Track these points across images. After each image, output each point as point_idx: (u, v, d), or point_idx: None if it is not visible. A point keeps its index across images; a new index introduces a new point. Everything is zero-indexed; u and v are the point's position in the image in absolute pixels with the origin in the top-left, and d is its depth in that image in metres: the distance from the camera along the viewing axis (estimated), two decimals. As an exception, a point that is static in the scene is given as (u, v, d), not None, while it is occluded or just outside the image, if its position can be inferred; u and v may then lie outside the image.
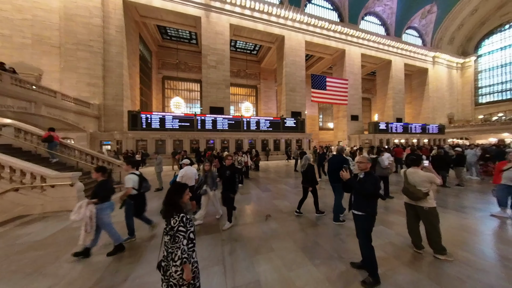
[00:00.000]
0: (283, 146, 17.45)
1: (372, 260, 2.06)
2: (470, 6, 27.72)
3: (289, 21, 19.46)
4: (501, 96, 30.52)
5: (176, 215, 1.46)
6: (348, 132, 22.79)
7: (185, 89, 25.31)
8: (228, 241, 3.02)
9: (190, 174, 4.14)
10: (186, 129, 14.33)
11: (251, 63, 28.14)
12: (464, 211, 4.23)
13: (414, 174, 2.65)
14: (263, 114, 27.58)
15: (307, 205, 4.81)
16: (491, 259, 2.52)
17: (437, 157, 6.21)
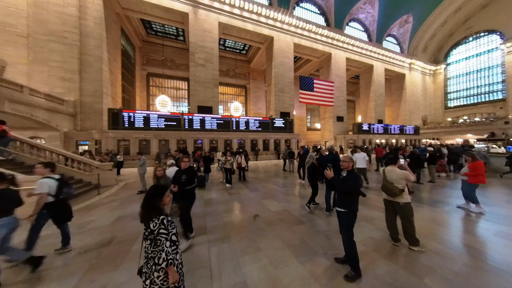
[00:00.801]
0: (272, 146, 17.64)
1: (354, 254, 2.16)
2: (441, 19, 30.47)
3: (278, 23, 19.72)
4: (466, 101, 34.01)
5: (156, 218, 1.39)
6: (334, 132, 23.72)
7: (172, 87, 24.40)
8: (215, 242, 2.97)
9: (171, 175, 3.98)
10: (172, 128, 13.82)
11: (241, 63, 28.00)
12: (435, 205, 4.63)
13: (391, 172, 2.84)
14: (252, 114, 27.60)
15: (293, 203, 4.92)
16: (457, 248, 2.79)
17: (412, 156, 6.72)
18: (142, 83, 22.48)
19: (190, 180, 2.99)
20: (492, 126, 24.12)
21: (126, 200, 5.34)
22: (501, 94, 29.59)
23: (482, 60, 31.77)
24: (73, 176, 6.46)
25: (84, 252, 2.76)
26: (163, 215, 1.44)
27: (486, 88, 31.51)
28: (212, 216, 4.08)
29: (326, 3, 23.21)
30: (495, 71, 30.30)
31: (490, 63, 30.76)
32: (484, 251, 2.69)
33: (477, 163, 4.14)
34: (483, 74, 31.70)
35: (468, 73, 33.40)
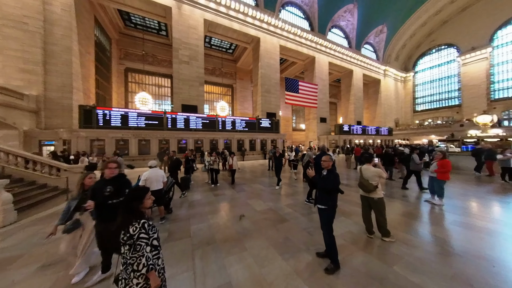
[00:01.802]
0: (259, 146, 17.75)
1: (333, 248, 2.29)
2: (410, 31, 33.76)
3: (265, 24, 19.93)
4: (430, 105, 38.21)
5: (135, 222, 1.33)
6: (318, 133, 24.76)
7: (153, 84, 23.10)
8: (199, 245, 2.90)
9: (156, 176, 3.80)
10: (154, 127, 13.09)
11: (227, 62, 27.67)
12: (405, 199, 5.12)
13: (367, 170, 3.07)
14: (239, 114, 27.45)
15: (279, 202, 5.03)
16: (422, 237, 3.12)
17: (385, 155, 7.34)
18: (120, 78, 20.89)
19: (117, 193, 2.14)
20: (451, 128, 27.47)
21: (100, 205, 4.91)
22: (457, 100, 33.87)
23: (442, 70, 36.00)
24: (36, 180, 5.74)
25: (49, 265, 2.47)
26: (144, 219, 1.38)
27: (446, 95, 35.79)
28: (196, 218, 3.97)
29: (310, 8, 24.13)
30: (453, 80, 34.57)
31: (449, 73, 35.00)
32: (444, 239, 3.05)
33: (445, 161, 4.58)
34: (444, 82, 35.95)
35: (432, 81, 37.58)
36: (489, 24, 29.38)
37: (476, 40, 30.79)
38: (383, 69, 34.23)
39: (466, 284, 2.04)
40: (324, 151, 4.63)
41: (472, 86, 31.34)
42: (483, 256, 2.53)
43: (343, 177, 8.12)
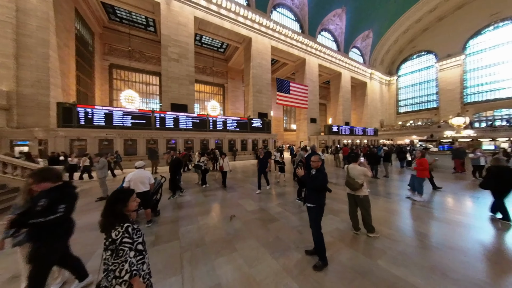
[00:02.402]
0: (250, 146, 17.74)
1: (321, 245, 2.35)
2: (394, 37, 35.66)
3: (256, 24, 19.97)
4: (412, 108, 40.66)
5: (118, 226, 1.26)
6: (308, 133, 25.29)
7: (141, 82, 22.18)
8: (188, 247, 2.83)
9: (142, 178, 3.65)
10: (141, 127, 12.56)
11: (218, 61, 27.33)
12: (389, 197, 5.40)
13: (353, 169, 3.20)
14: (230, 113, 27.24)
15: (269, 202, 5.06)
16: (403, 231, 3.31)
17: (370, 155, 7.68)
18: (104, 75, 19.79)
19: (47, 210, 1.65)
20: (430, 129, 29.43)
21: (81, 209, 4.60)
22: (435, 103, 36.38)
23: (422, 74, 38.47)
24: (6, 184, 5.25)
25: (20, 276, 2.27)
26: (128, 222, 1.32)
27: (425, 98, 38.30)
28: (185, 220, 3.87)
29: (301, 11, 24.58)
30: (431, 84, 37.08)
31: (428, 78, 37.50)
32: (423, 232, 3.26)
33: (422, 160, 4.95)
34: (424, 86, 38.43)
35: (413, 84, 40.01)
36: (463, 34, 31.92)
37: (451, 48, 33.32)
38: (369, 72, 35.81)
39: (442, 274, 2.19)
40: (314, 151, 4.75)
41: (448, 90, 33.87)
42: (456, 248, 2.74)
43: (332, 176, 8.37)
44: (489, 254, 2.61)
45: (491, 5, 28.48)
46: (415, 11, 31.15)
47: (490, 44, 29.74)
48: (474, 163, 7.60)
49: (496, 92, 29.45)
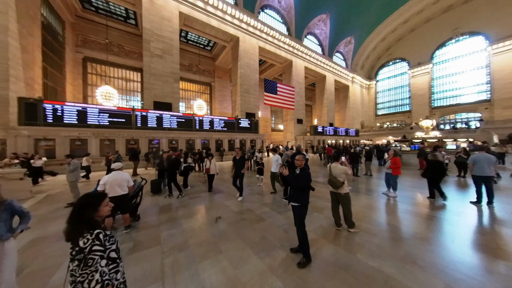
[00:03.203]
0: (238, 146, 17.62)
1: (305, 243, 2.41)
2: (373, 44, 38.22)
3: (244, 24, 19.91)
4: (388, 110, 44.00)
5: (87, 233, 1.15)
6: (295, 133, 25.92)
7: (120, 78, 20.71)
8: (171, 252, 2.71)
9: (119, 180, 3.39)
10: (120, 126, 11.73)
11: (205, 59, 26.70)
12: (368, 193, 5.75)
13: (335, 168, 3.35)
14: (218, 113, 26.78)
15: (256, 202, 5.07)
16: (380, 225, 3.55)
17: (352, 154, 8.12)
18: (77, 69, 18.08)
19: None
20: (403, 130, 32.10)
21: (46, 217, 4.14)
22: (408, 106, 39.82)
23: (397, 80, 41.83)
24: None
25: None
26: (99, 229, 1.21)
27: (400, 102, 41.72)
28: (168, 224, 3.70)
29: (288, 14, 25.11)
30: (405, 89, 40.49)
31: (402, 83, 40.91)
32: (396, 226, 3.53)
33: (396, 158, 5.38)
34: (398, 91, 41.82)
35: (389, 89, 43.32)
36: (430, 45, 35.45)
37: (421, 57, 36.79)
38: (351, 76, 37.90)
39: (412, 262, 2.39)
40: (299, 151, 4.88)
41: (419, 95, 37.34)
42: (424, 238, 3.02)
43: (318, 175, 8.68)
44: (449, 241, 2.92)
45: (453, 21, 32.06)
46: (390, 22, 33.74)
47: (452, 55, 33.45)
48: (439, 161, 8.45)
49: (457, 98, 33.26)
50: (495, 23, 28.37)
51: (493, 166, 4.50)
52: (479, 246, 2.83)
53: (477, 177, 4.57)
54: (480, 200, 4.56)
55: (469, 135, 22.71)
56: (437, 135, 24.17)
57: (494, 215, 4.00)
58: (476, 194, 4.64)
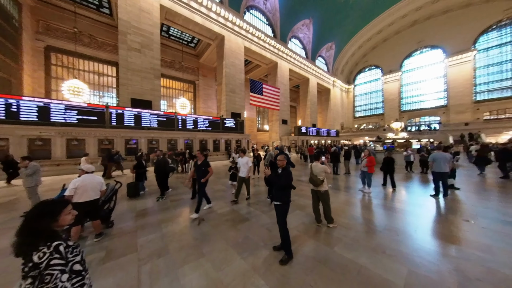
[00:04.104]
0: (223, 147, 17.36)
1: (287, 240, 2.49)
2: (351, 51, 40.94)
3: (229, 23, 19.69)
4: (365, 113, 47.57)
5: (44, 246, 1.03)
6: (280, 134, 26.46)
7: (91, 71, 18.83)
8: (148, 259, 2.56)
9: (93, 184, 3.10)
10: (91, 124, 10.68)
11: (189, 56, 25.76)
12: (346, 190, 6.14)
13: (316, 166, 3.51)
14: (202, 112, 26.03)
15: (241, 202, 5.05)
16: (356, 219, 3.82)
17: (332, 154, 8.59)
18: (37, 59, 15.94)
19: None
20: (377, 131, 34.99)
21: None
22: (382, 110, 43.56)
23: (372, 85, 45.47)
24: None
25: None
26: (58, 240, 1.08)
27: (374, 105, 45.41)
28: (146, 229, 3.48)
29: (273, 16, 25.55)
30: (379, 94, 44.20)
31: (376, 88, 44.59)
32: (370, 219, 3.83)
33: (371, 157, 5.84)
34: (373, 95, 45.47)
35: (366, 93, 46.87)
36: (400, 54, 39.30)
37: (392, 65, 40.57)
38: (332, 80, 40.07)
39: (382, 252, 2.63)
40: (282, 151, 5.00)
41: (391, 99, 41.12)
42: (393, 229, 3.34)
43: (301, 174, 8.99)
44: (413, 231, 3.28)
45: (418, 34, 36.06)
46: (366, 31, 36.53)
47: (417, 65, 37.61)
48: (406, 159, 9.43)
49: (422, 103, 37.49)
50: (450, 39, 32.69)
51: (449, 164, 5.17)
52: (436, 233, 3.23)
53: (436, 173, 5.21)
54: (437, 193, 5.20)
55: (430, 136, 25.68)
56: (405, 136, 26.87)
57: (448, 206, 4.60)
58: (434, 188, 5.28)
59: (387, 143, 15.03)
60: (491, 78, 30.00)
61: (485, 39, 30.18)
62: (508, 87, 28.61)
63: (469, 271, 2.22)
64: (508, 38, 28.23)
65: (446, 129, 27.74)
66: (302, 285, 2.05)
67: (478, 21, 29.85)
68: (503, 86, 29.05)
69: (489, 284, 2.02)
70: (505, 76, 28.80)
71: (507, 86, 28.64)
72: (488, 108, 30.03)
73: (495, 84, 29.70)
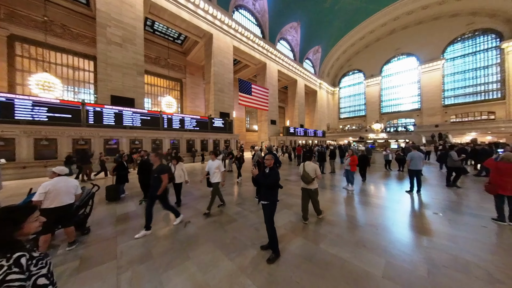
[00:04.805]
0: (212, 147, 17.04)
1: (274, 239, 2.51)
2: (336, 55, 42.79)
3: (218, 21, 19.39)
4: (348, 115, 50.02)
5: (2, 259, 0.92)
6: (269, 134, 26.71)
7: (65, 65, 17.28)
8: (129, 266, 2.41)
9: (67, 187, 2.85)
10: (64, 122, 9.79)
11: (175, 53, 24.88)
12: (331, 189, 6.39)
13: (308, 165, 3.69)
14: (189, 111, 25.29)
15: (229, 202, 5.00)
16: (340, 216, 3.99)
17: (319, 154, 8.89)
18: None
19: None
20: (360, 132, 37.01)
21: None
22: (364, 112, 46.15)
23: (356, 88, 47.98)
24: None
25: None
26: (21, 251, 0.97)
27: (357, 107, 47.95)
28: (127, 235, 3.28)
29: (262, 17, 25.72)
30: (362, 96, 46.76)
31: (360, 91, 47.12)
32: (352, 215, 4.04)
33: (354, 156, 6.16)
34: (356, 98, 47.99)
35: (350, 96, 49.31)
36: (380, 60, 42.02)
37: (373, 70, 43.23)
38: (319, 82, 41.49)
39: (363, 246, 2.78)
40: (271, 151, 5.05)
41: (372, 102, 43.76)
42: (373, 224, 3.55)
43: (290, 174, 9.16)
44: (391, 225, 3.53)
45: (396, 42, 38.92)
46: (350, 37, 38.46)
47: (395, 70, 40.56)
48: (385, 158, 10.10)
49: (399, 106, 40.49)
50: (423, 47, 35.80)
51: (421, 162, 5.65)
52: (411, 226, 3.51)
53: (412, 170, 5.66)
54: (412, 189, 5.65)
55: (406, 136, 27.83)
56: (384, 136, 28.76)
57: (421, 200, 5.02)
58: (409, 185, 5.72)
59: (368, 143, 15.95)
60: (457, 85, 33.46)
61: (452, 49, 33.55)
62: (470, 93, 32.15)
63: (437, 259, 2.45)
64: (470, 49, 31.71)
65: (420, 130, 30.26)
66: (288, 282, 2.09)
67: (446, 32, 33.09)
68: (466, 92, 32.54)
69: (453, 270, 2.25)
70: (467, 84, 32.30)
71: (469, 92, 32.16)
72: (454, 112, 33.40)
73: (460, 90, 33.17)
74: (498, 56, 29.00)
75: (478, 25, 30.01)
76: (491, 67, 29.84)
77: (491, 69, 29.85)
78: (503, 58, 28.09)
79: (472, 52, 31.52)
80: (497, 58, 29.10)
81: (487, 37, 29.86)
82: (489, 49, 29.87)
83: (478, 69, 31.14)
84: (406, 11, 32.68)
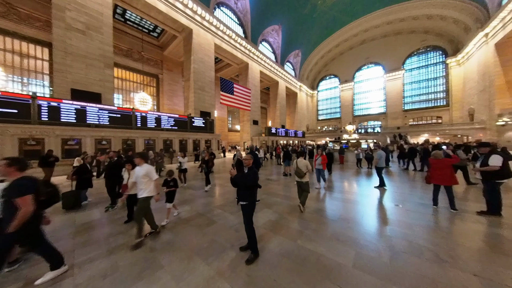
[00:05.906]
0: (191, 147, 16.31)
1: (253, 239, 2.50)
2: (314, 60, 45.22)
3: (198, 17, 18.67)
4: (326, 116, 53.38)
5: None
6: (251, 134, 26.77)
7: (9, 51, 14.53)
8: (89, 282, 2.13)
9: None
10: (7, 119, 8.22)
11: (150, 46, 23.13)
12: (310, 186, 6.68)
13: (300, 161, 4.19)
14: (167, 110, 23.79)
15: (209, 205, 4.85)
16: (316, 212, 4.19)
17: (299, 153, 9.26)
18: None
19: None
20: (336, 133, 39.83)
21: None
22: (339, 114, 49.82)
23: (332, 92, 51.44)
24: None
25: None
26: None
27: (334, 110, 51.51)
28: (88, 247, 2.90)
29: (244, 17, 25.67)
30: (337, 100, 50.35)
31: (335, 95, 50.67)
32: (325, 210, 4.29)
33: (324, 156, 6.59)
34: (333, 101, 51.47)
35: (327, 99, 52.66)
36: (352, 67, 45.89)
37: (347, 75, 46.97)
38: (299, 85, 43.26)
39: (336, 240, 2.97)
40: (252, 151, 5.06)
41: (346, 106, 47.48)
42: (345, 218, 3.83)
43: (272, 173, 9.30)
44: (360, 218, 3.85)
45: (366, 51, 43.02)
46: (326, 44, 41.11)
47: (365, 77, 44.81)
48: (357, 157, 11.04)
49: (368, 109, 44.86)
50: (387, 58, 40.35)
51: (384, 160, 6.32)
52: (377, 218, 3.89)
53: (380, 168, 6.27)
54: (381, 185, 6.20)
55: (375, 137, 30.93)
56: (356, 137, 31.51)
57: (385, 194, 5.61)
58: (379, 181, 6.31)
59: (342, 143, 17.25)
60: (414, 92, 38.68)
61: (410, 61, 38.61)
62: (423, 100, 37.56)
63: (397, 246, 2.75)
64: (423, 62, 37.00)
65: (385, 131, 33.98)
66: (266, 281, 2.10)
67: (405, 46, 37.94)
68: (421, 99, 37.87)
69: (410, 254, 2.55)
70: (422, 92, 37.66)
71: (423, 99, 37.56)
72: (412, 116, 38.45)
73: (416, 97, 38.43)
74: (443, 69, 34.49)
75: (430, 42, 35.20)
76: (439, 78, 35.37)
77: (439, 80, 35.38)
78: (447, 72, 33.51)
79: (425, 65, 36.86)
80: (443, 71, 34.61)
81: (436, 53, 35.27)
82: (437, 63, 35.35)
83: (429, 80, 36.59)
84: (374, 25, 36.43)
